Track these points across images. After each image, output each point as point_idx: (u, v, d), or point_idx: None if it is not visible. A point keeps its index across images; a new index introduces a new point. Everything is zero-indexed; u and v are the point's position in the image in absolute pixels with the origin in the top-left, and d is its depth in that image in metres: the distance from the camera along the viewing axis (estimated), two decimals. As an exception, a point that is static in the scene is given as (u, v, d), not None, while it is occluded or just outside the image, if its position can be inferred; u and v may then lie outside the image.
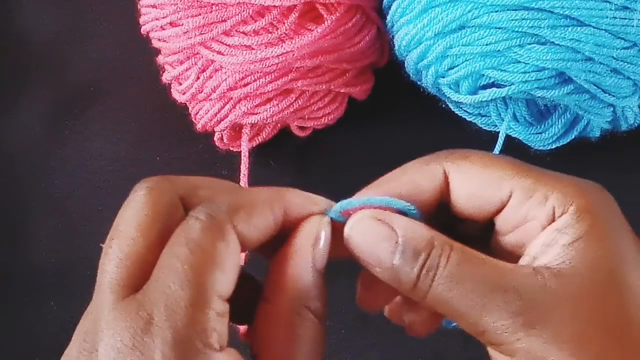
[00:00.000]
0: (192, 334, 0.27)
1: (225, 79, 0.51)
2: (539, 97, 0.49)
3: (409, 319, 0.36)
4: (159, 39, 0.53)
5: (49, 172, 0.60)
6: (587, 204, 0.31)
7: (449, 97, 0.51)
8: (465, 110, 0.54)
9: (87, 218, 0.58)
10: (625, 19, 0.46)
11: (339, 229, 0.32)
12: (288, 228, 0.32)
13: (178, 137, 0.59)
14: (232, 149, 0.56)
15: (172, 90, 0.55)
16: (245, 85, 0.51)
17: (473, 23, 0.47)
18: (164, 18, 0.51)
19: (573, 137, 0.53)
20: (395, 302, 0.36)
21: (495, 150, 0.51)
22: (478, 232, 0.35)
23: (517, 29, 0.46)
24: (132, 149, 0.59)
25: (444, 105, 0.54)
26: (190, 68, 0.52)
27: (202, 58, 0.51)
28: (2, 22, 0.63)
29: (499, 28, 0.47)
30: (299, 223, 0.32)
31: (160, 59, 0.54)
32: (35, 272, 0.58)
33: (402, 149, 0.39)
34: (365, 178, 0.34)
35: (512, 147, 0.52)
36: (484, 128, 0.54)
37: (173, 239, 0.29)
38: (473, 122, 0.54)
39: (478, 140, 0.52)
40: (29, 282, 0.58)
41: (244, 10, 0.49)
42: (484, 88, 0.50)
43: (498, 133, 0.51)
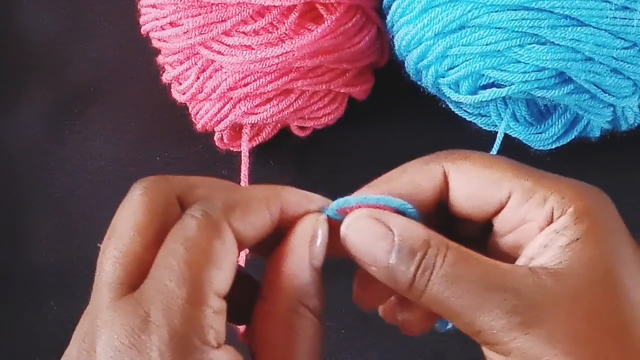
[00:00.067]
0: (189, 332, 0.27)
1: (225, 79, 0.51)
2: (539, 97, 0.49)
3: (403, 318, 0.36)
4: (159, 39, 0.53)
5: (49, 172, 0.60)
6: (585, 207, 0.31)
7: (449, 97, 0.51)
8: (465, 110, 0.54)
9: (87, 218, 0.58)
10: (625, 19, 0.46)
11: (336, 227, 0.32)
12: (285, 226, 0.32)
13: (178, 137, 0.59)
14: (232, 149, 0.56)
15: (172, 90, 0.55)
16: (245, 85, 0.51)
17: (473, 23, 0.47)
18: (164, 18, 0.51)
19: (573, 137, 0.53)
20: (389, 301, 0.36)
21: (494, 150, 0.51)
22: (476, 233, 0.35)
23: (517, 29, 0.46)
24: (132, 149, 0.59)
25: (444, 105, 0.54)
26: (190, 68, 0.52)
27: (202, 58, 0.51)
28: (2, 22, 0.63)
29: (499, 28, 0.47)
30: (296, 221, 0.32)
31: (160, 59, 0.54)
32: (35, 272, 0.58)
33: (402, 149, 0.39)
34: (365, 178, 0.34)
35: (512, 147, 0.52)
36: (484, 128, 0.54)
37: (169, 238, 0.29)
38: (473, 122, 0.54)
39: (478, 140, 0.52)
40: (29, 282, 0.58)
41: (244, 10, 0.49)
42: (484, 88, 0.50)
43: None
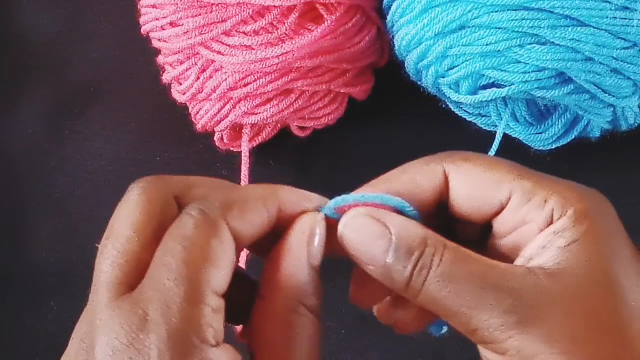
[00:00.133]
0: (187, 330, 0.27)
1: (225, 79, 0.51)
2: (539, 97, 0.49)
3: (397, 317, 0.36)
4: (159, 39, 0.53)
5: (49, 172, 0.60)
6: (585, 209, 0.31)
7: (449, 97, 0.51)
8: (465, 110, 0.54)
9: (87, 218, 0.58)
10: (625, 19, 0.46)
11: (334, 226, 0.32)
12: (282, 225, 0.32)
13: (178, 137, 0.59)
14: (232, 149, 0.56)
15: (172, 90, 0.55)
16: (245, 85, 0.51)
17: (473, 23, 0.47)
18: (164, 18, 0.51)
19: (573, 137, 0.53)
20: (384, 300, 0.36)
21: (492, 149, 0.51)
22: (475, 234, 0.34)
23: (517, 29, 0.46)
24: (132, 149, 0.59)
25: (444, 105, 0.54)
26: (190, 68, 0.52)
27: (202, 58, 0.51)
28: (2, 22, 0.63)
29: (499, 28, 0.47)
30: (294, 220, 0.32)
31: (160, 59, 0.54)
32: (35, 272, 0.58)
33: (402, 149, 0.39)
34: (365, 178, 0.34)
35: (511, 147, 0.52)
36: (484, 128, 0.54)
37: (167, 236, 0.29)
38: (473, 122, 0.54)
39: (478, 140, 0.52)
40: (29, 282, 0.58)
41: (244, 10, 0.49)
42: (484, 88, 0.50)
43: (498, 133, 0.51)
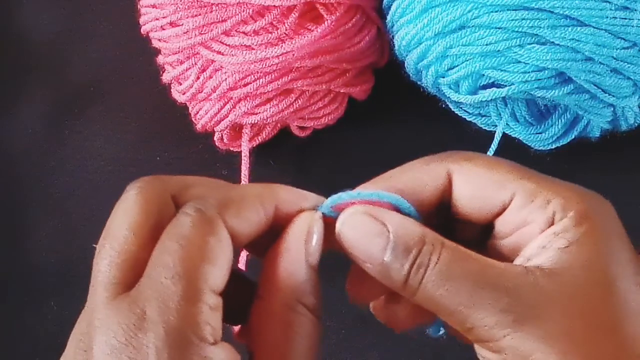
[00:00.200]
0: (185, 328, 0.27)
1: (225, 79, 0.51)
2: (539, 97, 0.49)
3: (392, 313, 0.35)
4: (159, 39, 0.53)
5: (49, 172, 0.60)
6: (585, 210, 0.31)
7: (449, 97, 0.51)
8: (465, 110, 0.54)
9: (87, 218, 0.58)
10: (625, 19, 0.46)
11: (331, 224, 0.32)
12: (280, 225, 0.32)
13: (178, 137, 0.59)
14: (232, 149, 0.56)
15: (172, 90, 0.55)
16: (245, 85, 0.51)
17: (473, 23, 0.47)
18: (164, 18, 0.51)
19: (573, 137, 0.53)
20: (380, 298, 0.36)
21: (491, 149, 0.51)
22: (475, 235, 0.34)
23: (517, 29, 0.46)
24: (132, 149, 0.59)
25: (444, 105, 0.54)
26: (190, 68, 0.52)
27: (202, 58, 0.51)
28: (2, 22, 0.63)
29: (499, 28, 0.47)
30: (291, 219, 0.32)
31: (160, 59, 0.54)
32: (35, 272, 0.58)
33: (402, 149, 0.39)
34: (365, 178, 0.34)
35: (511, 147, 0.52)
36: (484, 128, 0.54)
37: (164, 235, 0.29)
38: (473, 122, 0.54)
39: (478, 140, 0.52)
40: (29, 282, 0.58)
41: (244, 10, 0.49)
42: (484, 88, 0.50)
43: (498, 133, 0.51)
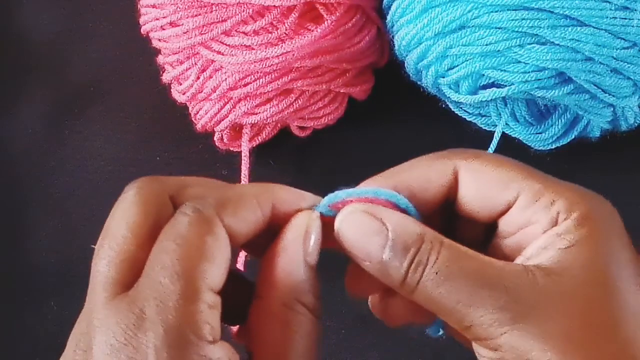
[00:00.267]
0: (184, 327, 0.28)
1: (225, 79, 0.51)
2: (539, 97, 0.49)
3: (387, 308, 0.35)
4: (159, 39, 0.53)
5: (49, 172, 0.60)
6: (587, 212, 0.31)
7: (449, 97, 0.51)
8: (465, 110, 0.54)
9: (87, 218, 0.58)
10: (625, 19, 0.46)
11: (330, 223, 0.32)
12: (278, 225, 0.32)
13: (178, 137, 0.59)
14: (232, 149, 0.56)
15: (172, 90, 0.55)
16: (245, 85, 0.51)
17: (473, 23, 0.47)
18: (164, 18, 0.51)
19: (573, 137, 0.53)
20: (376, 295, 0.36)
21: (491, 149, 0.51)
22: (478, 234, 0.35)
23: (517, 29, 0.46)
24: (132, 149, 0.59)
25: (444, 105, 0.54)
26: (190, 68, 0.52)
27: (202, 58, 0.51)
28: (2, 22, 0.63)
29: (499, 28, 0.47)
30: (289, 219, 0.32)
31: (160, 59, 0.54)
32: (35, 272, 0.58)
33: (402, 149, 0.39)
34: (365, 178, 0.34)
35: (512, 147, 0.52)
36: (484, 128, 0.54)
37: (162, 235, 0.29)
38: (473, 122, 0.54)
39: (478, 140, 0.52)
40: (29, 282, 0.58)
41: (244, 10, 0.49)
42: (484, 88, 0.50)
43: (498, 133, 0.51)
